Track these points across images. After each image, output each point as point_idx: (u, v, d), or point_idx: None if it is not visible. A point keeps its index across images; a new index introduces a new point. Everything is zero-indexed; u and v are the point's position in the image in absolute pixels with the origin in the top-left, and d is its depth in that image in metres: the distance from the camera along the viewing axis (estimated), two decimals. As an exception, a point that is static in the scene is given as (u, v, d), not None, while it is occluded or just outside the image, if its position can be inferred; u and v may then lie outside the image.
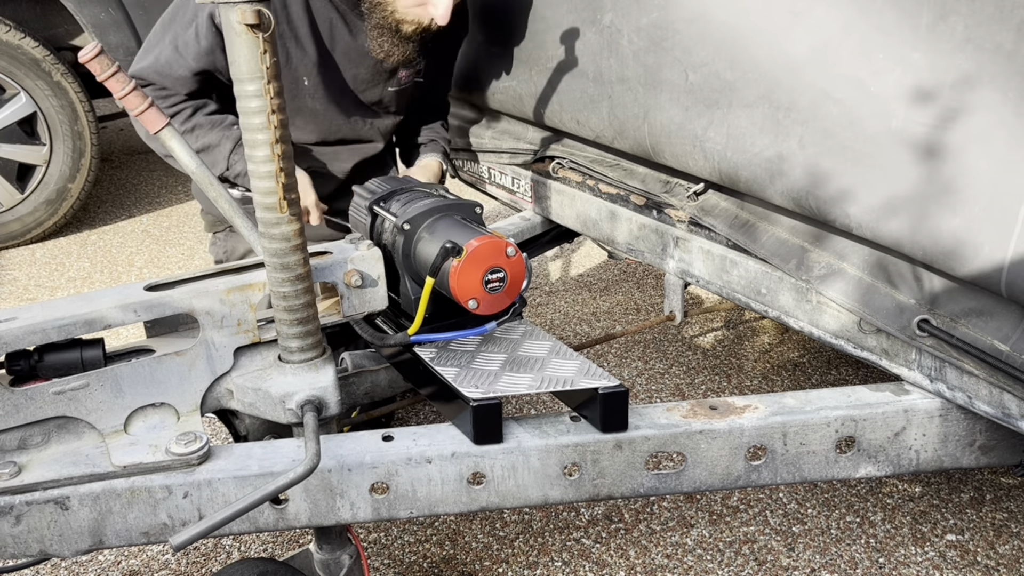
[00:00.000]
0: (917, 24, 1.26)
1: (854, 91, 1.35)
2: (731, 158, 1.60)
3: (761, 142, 1.53)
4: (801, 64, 1.44)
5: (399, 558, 1.78)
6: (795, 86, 1.45)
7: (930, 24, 1.24)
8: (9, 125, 3.56)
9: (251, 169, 1.20)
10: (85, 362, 1.27)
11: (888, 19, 1.30)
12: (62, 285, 3.32)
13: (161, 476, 1.23)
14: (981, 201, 1.21)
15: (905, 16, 1.27)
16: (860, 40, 1.34)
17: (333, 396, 1.33)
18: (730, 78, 1.56)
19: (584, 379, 1.36)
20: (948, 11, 1.22)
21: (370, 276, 1.42)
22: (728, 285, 1.79)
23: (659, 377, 2.49)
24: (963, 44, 1.20)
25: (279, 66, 1.16)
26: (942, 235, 1.26)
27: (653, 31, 1.71)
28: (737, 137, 1.57)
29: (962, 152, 1.22)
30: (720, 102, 1.60)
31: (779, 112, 1.48)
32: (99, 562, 1.77)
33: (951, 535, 1.82)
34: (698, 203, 1.84)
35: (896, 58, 1.29)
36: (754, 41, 1.51)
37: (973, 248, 1.22)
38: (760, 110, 1.51)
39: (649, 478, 1.36)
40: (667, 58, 1.70)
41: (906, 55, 1.27)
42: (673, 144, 1.74)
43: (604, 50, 1.86)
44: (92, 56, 1.38)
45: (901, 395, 1.44)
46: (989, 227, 1.20)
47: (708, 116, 1.63)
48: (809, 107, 1.43)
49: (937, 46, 1.24)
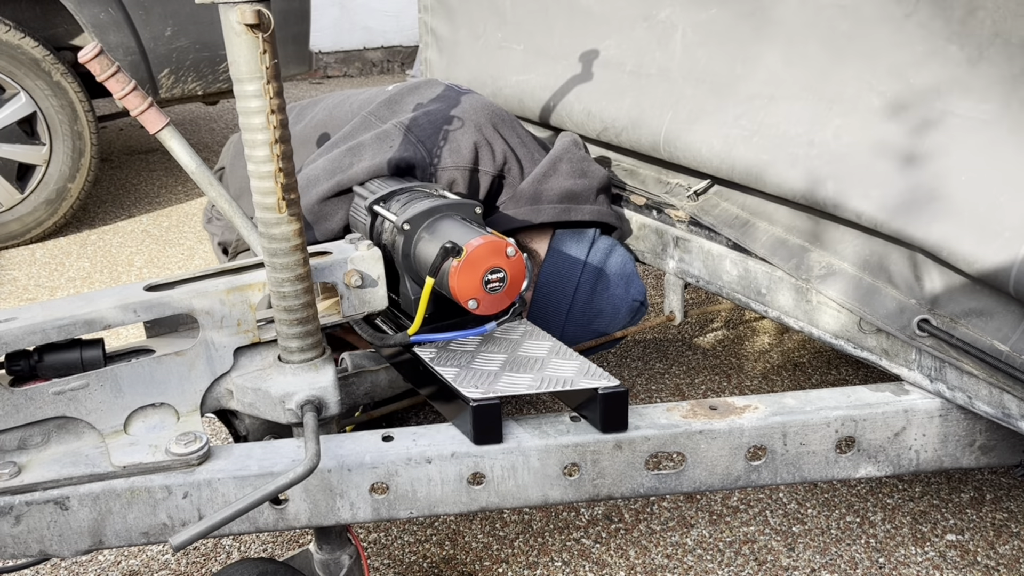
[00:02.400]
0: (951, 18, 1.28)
1: (896, 84, 1.36)
2: (757, 143, 1.61)
3: (794, 131, 1.54)
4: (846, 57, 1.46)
5: (399, 558, 1.78)
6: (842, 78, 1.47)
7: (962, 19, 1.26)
8: (9, 125, 3.56)
9: (251, 169, 1.20)
10: (85, 362, 1.27)
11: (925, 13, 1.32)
12: (62, 285, 3.32)
13: (161, 476, 1.23)
14: (992, 198, 1.21)
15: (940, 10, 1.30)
16: (899, 32, 1.36)
17: (333, 396, 1.34)
18: (776, 70, 1.59)
19: (584, 379, 1.36)
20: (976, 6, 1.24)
21: (370, 276, 1.42)
22: (728, 285, 1.79)
23: (659, 377, 2.49)
24: (992, 39, 1.21)
25: (279, 66, 1.16)
26: (951, 232, 1.26)
27: (709, 25, 1.75)
28: (771, 125, 1.59)
29: (973, 148, 1.23)
30: (762, 93, 1.62)
31: (821, 103, 1.50)
32: (99, 562, 1.77)
33: (951, 535, 1.82)
34: (698, 203, 1.84)
35: (933, 51, 1.30)
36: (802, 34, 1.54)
37: (983, 245, 1.22)
38: (802, 101, 1.54)
39: (649, 478, 1.36)
40: (719, 52, 1.73)
41: (943, 47, 1.29)
42: (694, 133, 1.76)
43: (653, 42, 1.89)
44: (92, 56, 1.38)
45: (901, 395, 1.44)
46: (999, 225, 1.20)
47: (740, 106, 1.65)
48: (852, 98, 1.44)
49: (968, 40, 1.25)
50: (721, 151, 1.69)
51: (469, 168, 1.82)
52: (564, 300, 1.83)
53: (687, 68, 1.82)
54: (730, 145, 1.67)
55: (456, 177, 1.81)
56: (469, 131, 1.84)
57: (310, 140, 2.07)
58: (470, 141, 1.83)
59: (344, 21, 8.25)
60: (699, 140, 1.75)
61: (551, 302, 1.83)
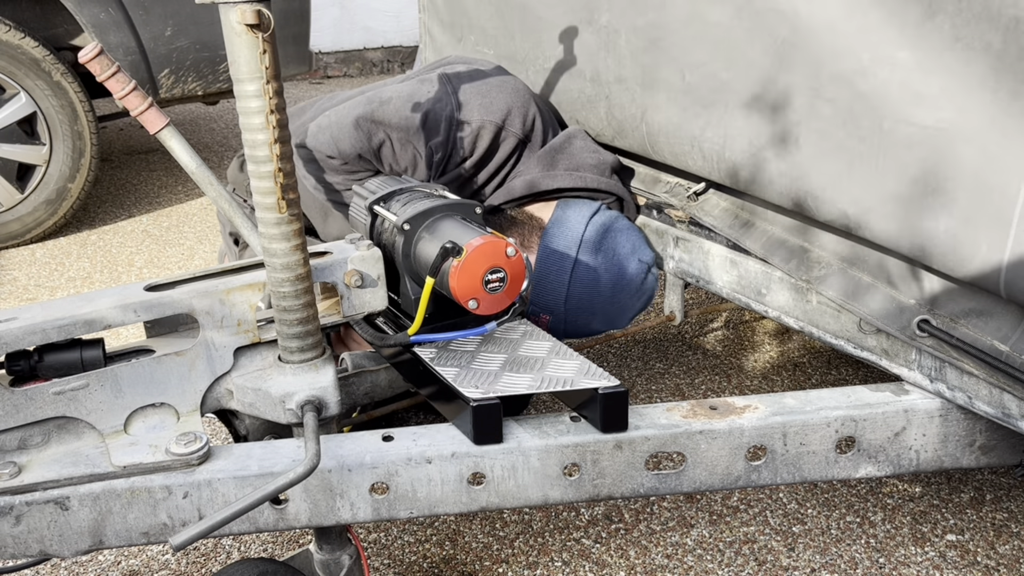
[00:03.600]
0: (905, 22, 1.26)
1: (845, 90, 1.35)
2: (728, 157, 1.60)
3: (758, 141, 1.53)
4: (797, 63, 1.44)
5: (399, 558, 1.78)
6: (791, 85, 1.45)
7: (918, 22, 1.24)
8: (9, 125, 3.56)
9: (251, 169, 1.20)
10: (85, 362, 1.27)
11: (874, 18, 1.30)
12: (62, 285, 3.32)
13: (161, 476, 1.23)
14: (976, 201, 1.21)
15: (893, 14, 1.27)
16: (853, 36, 1.34)
17: (333, 396, 1.33)
18: (726, 77, 1.57)
19: (584, 379, 1.36)
20: (936, 10, 1.22)
21: (370, 276, 1.42)
22: (728, 285, 1.79)
23: (659, 377, 2.49)
24: (952, 43, 1.20)
25: (279, 66, 1.16)
26: (939, 236, 1.26)
27: (650, 31, 1.72)
28: (734, 136, 1.58)
29: (956, 151, 1.22)
30: (717, 102, 1.60)
31: (776, 112, 1.48)
32: (99, 562, 1.77)
33: (951, 535, 1.82)
34: (698, 203, 1.84)
35: (886, 56, 1.29)
36: (748, 40, 1.52)
37: (971, 249, 1.22)
38: (756, 109, 1.52)
39: (649, 478, 1.36)
40: (664, 58, 1.70)
41: (894, 53, 1.27)
42: (672, 143, 1.75)
43: (601, 50, 1.87)
44: (92, 56, 1.38)
45: (901, 395, 1.44)
46: (986, 227, 1.20)
47: (705, 116, 1.64)
48: (805, 107, 1.43)
49: (926, 44, 1.24)
50: (700, 162, 1.68)
51: (497, 125, 1.84)
52: (567, 260, 1.82)
53: (639, 75, 1.79)
54: (705, 156, 1.66)
55: (482, 131, 1.83)
56: (506, 93, 1.87)
57: None
58: (504, 101, 1.85)
59: (344, 21, 8.25)
60: (678, 150, 1.74)
61: (554, 261, 1.82)
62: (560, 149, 1.92)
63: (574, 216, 1.85)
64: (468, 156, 1.85)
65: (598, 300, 1.84)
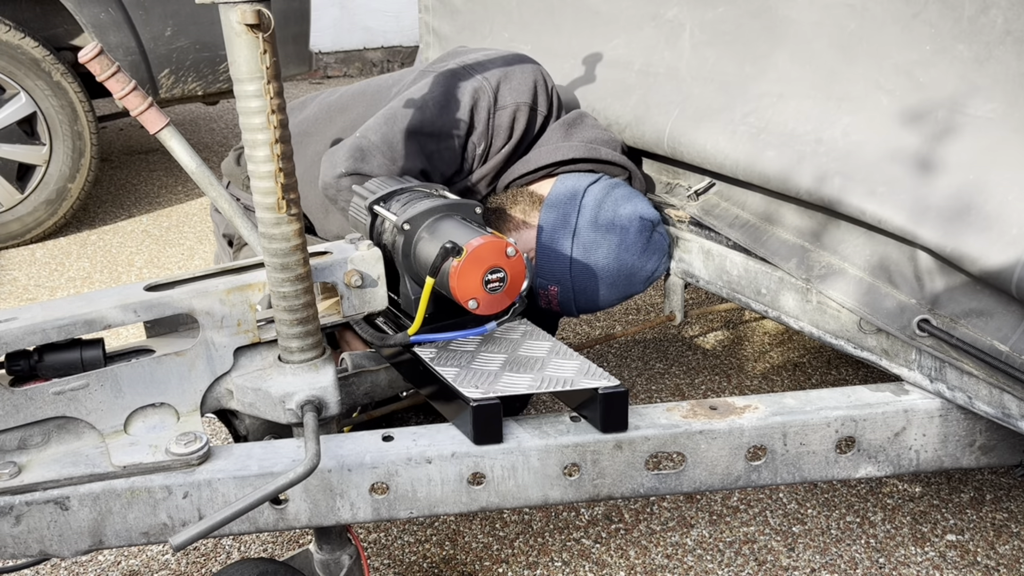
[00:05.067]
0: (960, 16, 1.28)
1: (905, 81, 1.37)
2: (764, 140, 1.62)
3: (802, 128, 1.55)
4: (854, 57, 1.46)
5: (399, 558, 1.78)
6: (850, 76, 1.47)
7: (972, 17, 1.26)
8: (9, 125, 3.56)
9: (251, 169, 1.20)
10: (85, 362, 1.27)
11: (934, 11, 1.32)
12: (62, 285, 3.32)
13: (161, 476, 1.23)
14: (997, 197, 1.21)
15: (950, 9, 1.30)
16: (908, 31, 1.36)
17: (333, 396, 1.33)
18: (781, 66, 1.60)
19: (584, 379, 1.36)
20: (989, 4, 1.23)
21: (370, 276, 1.42)
22: (728, 285, 1.79)
23: (659, 377, 2.49)
24: (1003, 37, 1.22)
25: (279, 66, 1.16)
26: (956, 230, 1.26)
27: (717, 24, 1.78)
28: (779, 123, 1.60)
29: (979, 147, 1.23)
30: (770, 91, 1.64)
31: (830, 102, 1.50)
32: (99, 562, 1.77)
33: (951, 535, 1.82)
34: (699, 203, 1.84)
35: (943, 49, 1.30)
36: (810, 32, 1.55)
37: (986, 245, 1.22)
38: (811, 100, 1.54)
39: (649, 478, 1.36)
40: (727, 51, 1.75)
41: (952, 46, 1.29)
42: (700, 130, 1.77)
43: (662, 41, 1.92)
44: (92, 56, 1.38)
45: (901, 395, 1.44)
46: (1004, 224, 1.20)
47: (749, 104, 1.67)
48: (860, 97, 1.45)
49: (979, 38, 1.26)
50: (727, 147, 1.69)
51: (529, 105, 1.86)
52: (568, 227, 1.82)
53: (695, 67, 1.83)
54: (736, 142, 1.67)
55: (518, 114, 1.85)
56: (528, 71, 1.88)
57: (307, 134, 2.07)
58: (529, 80, 1.87)
59: (344, 21, 8.25)
60: (703, 137, 1.75)
61: (555, 229, 1.83)
62: (574, 123, 1.95)
63: (573, 184, 1.87)
64: (507, 141, 1.87)
65: (604, 264, 1.83)
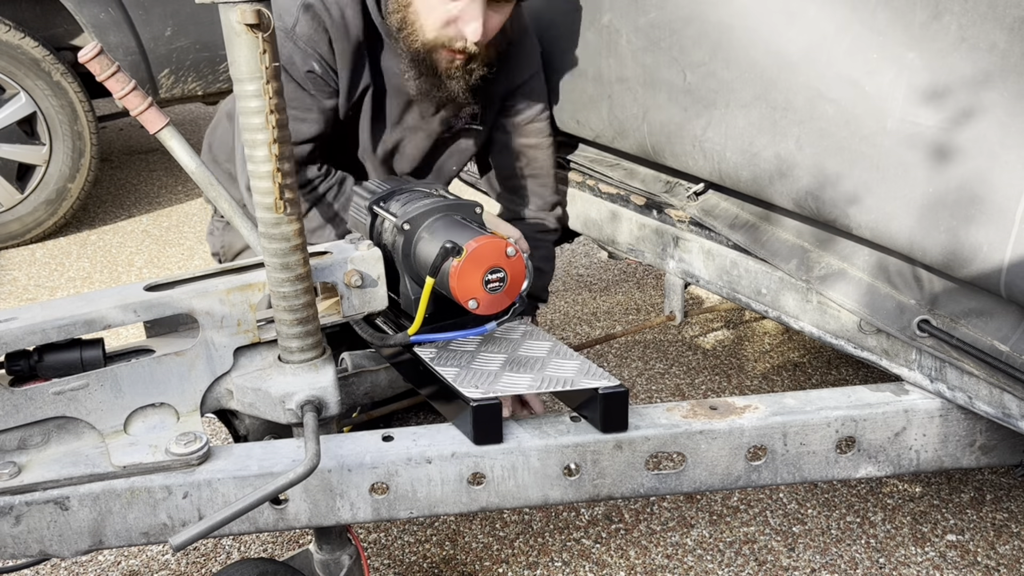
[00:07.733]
0: (911, 23, 1.26)
1: (849, 91, 1.35)
2: (730, 158, 1.60)
3: (759, 142, 1.53)
4: (797, 64, 1.43)
5: (399, 558, 1.78)
6: (791, 86, 1.45)
7: (924, 23, 1.24)
8: (9, 125, 3.56)
9: (251, 169, 1.20)
10: (85, 362, 1.27)
11: (882, 19, 1.30)
12: (62, 285, 3.32)
13: (161, 476, 1.23)
14: (978, 202, 1.21)
15: (899, 16, 1.27)
16: (855, 39, 1.34)
17: (333, 396, 1.33)
18: (727, 78, 1.56)
19: (584, 379, 1.36)
20: (942, 10, 1.22)
21: (370, 276, 1.42)
22: (728, 285, 1.79)
23: (659, 377, 2.49)
24: (958, 43, 1.20)
25: (279, 66, 1.16)
26: (940, 236, 1.26)
27: (651, 31, 1.72)
28: (735, 137, 1.57)
29: (958, 153, 1.22)
30: (718, 102, 1.60)
31: (776, 112, 1.48)
32: (99, 562, 1.77)
33: (951, 535, 1.82)
34: (699, 203, 1.84)
35: (891, 58, 1.29)
36: (750, 40, 1.51)
37: (972, 249, 1.22)
38: (757, 110, 1.52)
39: (649, 478, 1.36)
40: (664, 58, 1.70)
41: (901, 55, 1.27)
42: (673, 144, 1.74)
43: (603, 48, 1.86)
44: (92, 56, 1.38)
45: (901, 395, 1.43)
46: (987, 228, 1.20)
47: (707, 116, 1.63)
48: (806, 107, 1.43)
49: (932, 45, 1.24)
50: (702, 164, 1.68)
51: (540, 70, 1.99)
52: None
53: (639, 74, 1.77)
54: (708, 160, 1.65)
55: (535, 81, 1.97)
56: (531, 38, 1.97)
57: None
58: (535, 48, 1.97)
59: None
60: (679, 150, 1.73)
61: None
62: None
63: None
64: None
65: None
